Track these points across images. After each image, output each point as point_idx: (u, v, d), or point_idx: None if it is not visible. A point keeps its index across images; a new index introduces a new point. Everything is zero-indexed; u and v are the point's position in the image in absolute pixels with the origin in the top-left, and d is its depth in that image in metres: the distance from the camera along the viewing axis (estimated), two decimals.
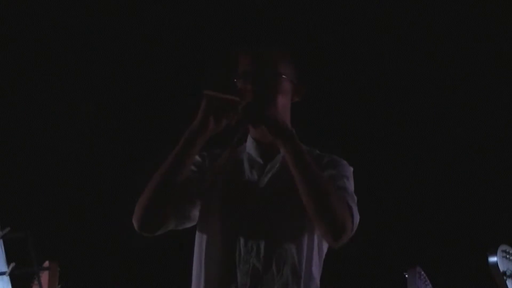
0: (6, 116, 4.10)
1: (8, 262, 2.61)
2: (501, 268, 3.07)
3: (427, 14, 4.13)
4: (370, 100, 4.22)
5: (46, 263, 2.97)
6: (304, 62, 2.26)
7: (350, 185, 2.11)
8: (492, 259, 3.09)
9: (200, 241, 2.11)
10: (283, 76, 2.12)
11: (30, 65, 4.13)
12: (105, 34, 4.15)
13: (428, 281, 3.36)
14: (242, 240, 2.04)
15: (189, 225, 2.13)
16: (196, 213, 2.12)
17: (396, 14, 4.11)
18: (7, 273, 2.59)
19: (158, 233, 2.06)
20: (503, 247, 3.11)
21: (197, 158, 2.15)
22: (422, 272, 3.34)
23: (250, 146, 2.17)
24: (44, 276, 2.92)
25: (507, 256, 3.10)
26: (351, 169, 2.16)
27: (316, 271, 2.08)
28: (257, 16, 4.08)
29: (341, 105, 4.22)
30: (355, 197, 2.08)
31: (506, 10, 4.05)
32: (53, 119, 4.17)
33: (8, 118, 4.10)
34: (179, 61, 4.15)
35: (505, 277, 3.07)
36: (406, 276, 3.33)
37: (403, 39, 4.15)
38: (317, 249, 2.08)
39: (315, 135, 2.36)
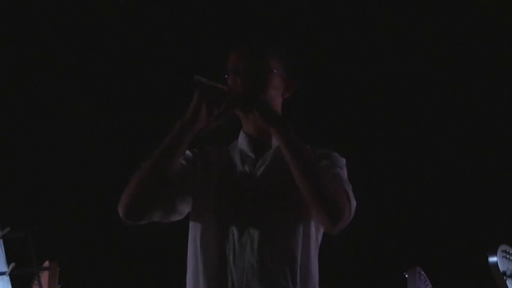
0: (6, 116, 4.10)
1: (8, 262, 2.61)
2: (501, 268, 3.07)
3: (427, 14, 4.13)
4: (370, 100, 4.21)
5: (46, 263, 2.97)
6: (298, 59, 2.26)
7: (344, 173, 2.12)
8: (492, 259, 3.09)
9: (194, 238, 2.11)
10: (273, 71, 2.13)
11: (30, 65, 4.13)
12: (105, 34, 4.15)
13: (428, 281, 3.36)
14: (236, 236, 2.04)
15: (174, 218, 2.12)
16: (184, 207, 2.12)
17: (396, 14, 4.11)
18: (7, 273, 2.60)
19: (142, 222, 2.05)
20: (503, 247, 3.11)
21: (189, 154, 2.16)
22: (422, 272, 3.34)
23: (242, 141, 2.18)
24: (44, 276, 2.92)
25: (507, 256, 3.10)
26: (344, 160, 2.16)
27: (313, 263, 2.08)
28: (255, 16, 4.08)
29: (340, 104, 4.22)
30: (350, 184, 2.08)
31: (506, 10, 4.05)
32: (53, 119, 4.17)
33: (8, 118, 4.10)
34: (179, 61, 4.15)
35: (505, 277, 3.07)
36: (406, 276, 3.33)
37: (403, 39, 4.15)
38: (314, 242, 2.08)
39: (315, 134, 2.35)
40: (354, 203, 2.02)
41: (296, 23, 4.15)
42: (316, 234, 2.09)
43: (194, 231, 2.11)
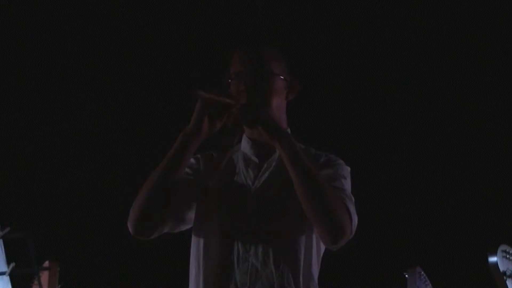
0: (6, 116, 4.10)
1: (8, 262, 2.62)
2: (501, 268, 3.07)
3: (426, 14, 4.14)
4: (370, 100, 4.22)
5: (46, 263, 2.97)
6: (299, 60, 2.25)
7: (348, 185, 2.10)
8: (492, 259, 3.08)
9: (197, 241, 2.10)
10: (276, 74, 2.11)
11: (30, 64, 4.13)
12: (106, 34, 4.15)
13: (428, 281, 3.36)
14: (240, 240, 2.04)
15: (184, 228, 2.12)
16: (191, 215, 2.11)
17: (395, 13, 4.12)
18: (7, 273, 2.60)
19: (153, 236, 2.05)
20: (503, 247, 3.11)
21: (192, 160, 2.14)
22: (422, 272, 3.34)
23: (245, 145, 2.17)
24: (44, 276, 2.92)
25: (507, 256, 3.10)
26: (348, 168, 2.15)
27: (315, 269, 2.08)
28: (252, 16, 4.09)
29: (340, 104, 4.22)
30: (353, 198, 2.07)
31: (506, 10, 4.05)
32: (53, 119, 4.17)
33: (8, 117, 4.11)
34: (178, 60, 4.15)
35: (505, 277, 3.07)
36: (406, 276, 3.33)
37: (402, 39, 4.16)
38: (315, 247, 2.08)
39: (313, 134, 2.36)
40: (355, 220, 2.01)
41: (296, 23, 4.15)
42: (318, 239, 2.08)
43: (197, 234, 2.11)
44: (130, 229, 2.02)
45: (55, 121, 4.17)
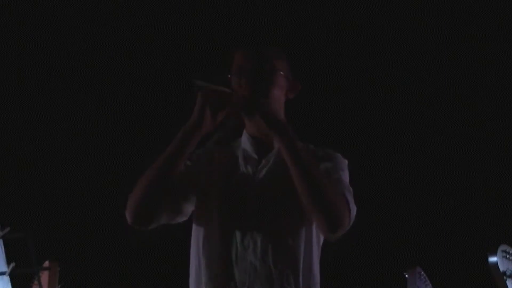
0: (6, 116, 4.10)
1: (8, 262, 2.62)
2: (501, 268, 3.07)
3: (426, 14, 4.14)
4: (370, 100, 4.22)
5: (46, 263, 2.97)
6: (299, 60, 2.26)
7: (346, 177, 2.11)
8: (492, 259, 3.09)
9: (197, 240, 2.11)
10: (278, 71, 2.12)
11: (30, 64, 4.13)
12: (105, 34, 4.15)
13: (428, 281, 3.36)
14: (238, 237, 2.04)
15: (181, 220, 2.13)
16: (189, 208, 2.12)
17: (395, 13, 4.12)
18: (7, 273, 2.60)
19: (151, 227, 2.05)
20: (503, 247, 3.11)
21: (194, 154, 2.15)
22: (422, 272, 3.35)
23: (245, 141, 2.17)
24: (44, 276, 2.92)
25: (507, 256, 3.10)
26: (346, 161, 2.16)
27: (316, 265, 2.08)
28: (252, 16, 4.09)
29: (340, 104, 4.22)
30: (351, 189, 2.08)
31: (506, 10, 4.06)
32: (53, 119, 4.17)
33: (8, 117, 4.11)
34: (178, 60, 4.15)
35: (505, 277, 3.07)
36: (406, 276, 3.33)
37: (402, 38, 4.16)
38: (316, 243, 2.09)
39: (313, 134, 2.35)
40: (354, 211, 2.02)
41: (296, 23, 4.15)
42: (318, 235, 2.09)
43: (197, 231, 2.12)
44: (128, 219, 2.03)
45: (55, 121, 4.17)
